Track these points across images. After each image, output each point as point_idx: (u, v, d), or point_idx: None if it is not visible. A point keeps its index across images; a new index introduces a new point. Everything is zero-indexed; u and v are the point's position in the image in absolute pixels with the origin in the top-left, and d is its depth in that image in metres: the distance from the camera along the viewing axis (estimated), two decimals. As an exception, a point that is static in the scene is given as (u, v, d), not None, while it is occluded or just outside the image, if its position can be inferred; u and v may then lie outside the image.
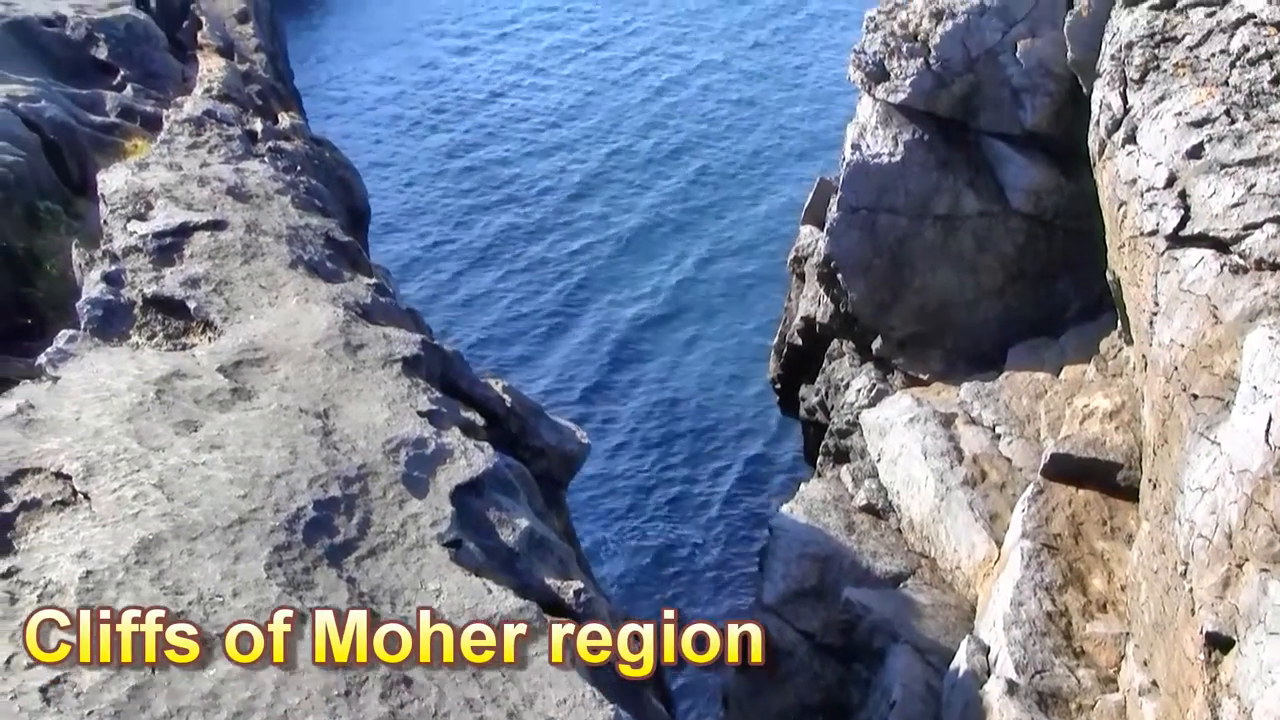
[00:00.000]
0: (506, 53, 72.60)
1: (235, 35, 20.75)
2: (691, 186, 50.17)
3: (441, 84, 65.42)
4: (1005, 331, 18.11)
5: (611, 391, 33.64)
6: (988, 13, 17.91)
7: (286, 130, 14.89)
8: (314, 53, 69.07)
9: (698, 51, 72.46)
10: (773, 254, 43.20)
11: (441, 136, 56.62)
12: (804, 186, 50.82)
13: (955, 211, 17.87)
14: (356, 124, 58.15)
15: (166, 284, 8.95)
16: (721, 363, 34.66)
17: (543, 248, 43.91)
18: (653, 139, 56.32)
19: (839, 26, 77.15)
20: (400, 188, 49.63)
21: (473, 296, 40.40)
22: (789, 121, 59.09)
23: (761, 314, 37.51)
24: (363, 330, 8.45)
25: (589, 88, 64.83)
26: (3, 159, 11.86)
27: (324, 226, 10.45)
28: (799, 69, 68.88)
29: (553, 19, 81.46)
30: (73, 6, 17.99)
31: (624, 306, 38.87)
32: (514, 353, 35.83)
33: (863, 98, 19.01)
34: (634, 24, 79.78)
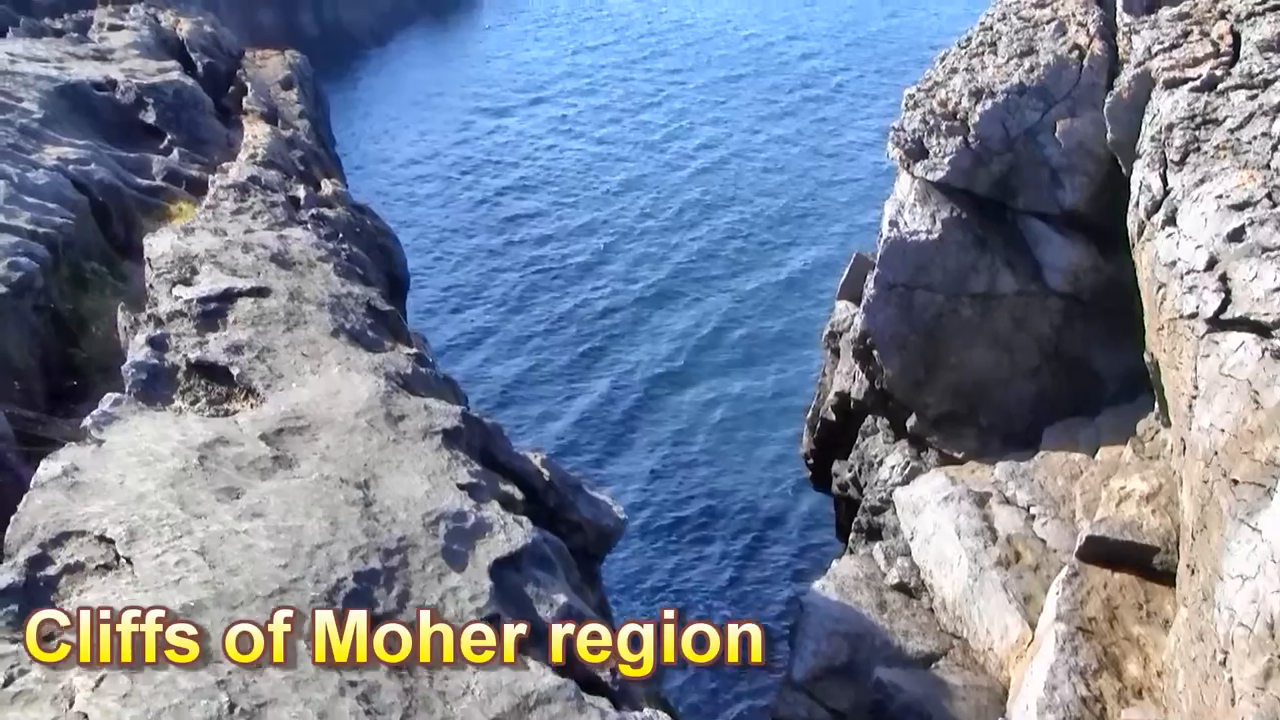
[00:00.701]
0: (540, 117, 73.26)
1: (279, 101, 21.03)
2: (719, 255, 50.36)
3: (476, 146, 66.05)
4: (1041, 411, 18.03)
5: (637, 458, 33.62)
6: (1027, 93, 17.99)
7: (329, 197, 15.06)
8: (354, 115, 69.94)
9: (729, 119, 72.93)
10: (799, 322, 43.28)
11: (474, 196, 57.05)
12: (827, 247, 51.00)
13: (992, 290, 17.87)
14: (393, 184, 58.72)
15: (210, 350, 9.02)
16: (751, 434, 34.63)
17: (571, 314, 44.08)
18: (682, 205, 56.59)
19: (866, 97, 77.68)
20: (431, 245, 50.00)
21: (498, 355, 40.52)
22: (815, 189, 59.35)
23: (791, 385, 37.52)
24: (404, 401, 8.49)
25: (621, 153, 65.29)
26: (53, 221, 12.00)
27: (365, 295, 10.53)
28: (826, 136, 69.22)
29: (587, 84, 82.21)
30: (123, 71, 18.28)
31: (649, 374, 38.92)
32: (543, 421, 35.86)
33: (901, 175, 19.09)
34: (666, 90, 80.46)
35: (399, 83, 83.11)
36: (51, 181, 13.12)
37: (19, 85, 16.23)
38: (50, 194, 12.85)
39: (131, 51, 20.06)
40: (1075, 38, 18.52)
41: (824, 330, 22.47)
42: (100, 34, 21.44)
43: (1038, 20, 19.40)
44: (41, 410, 9.64)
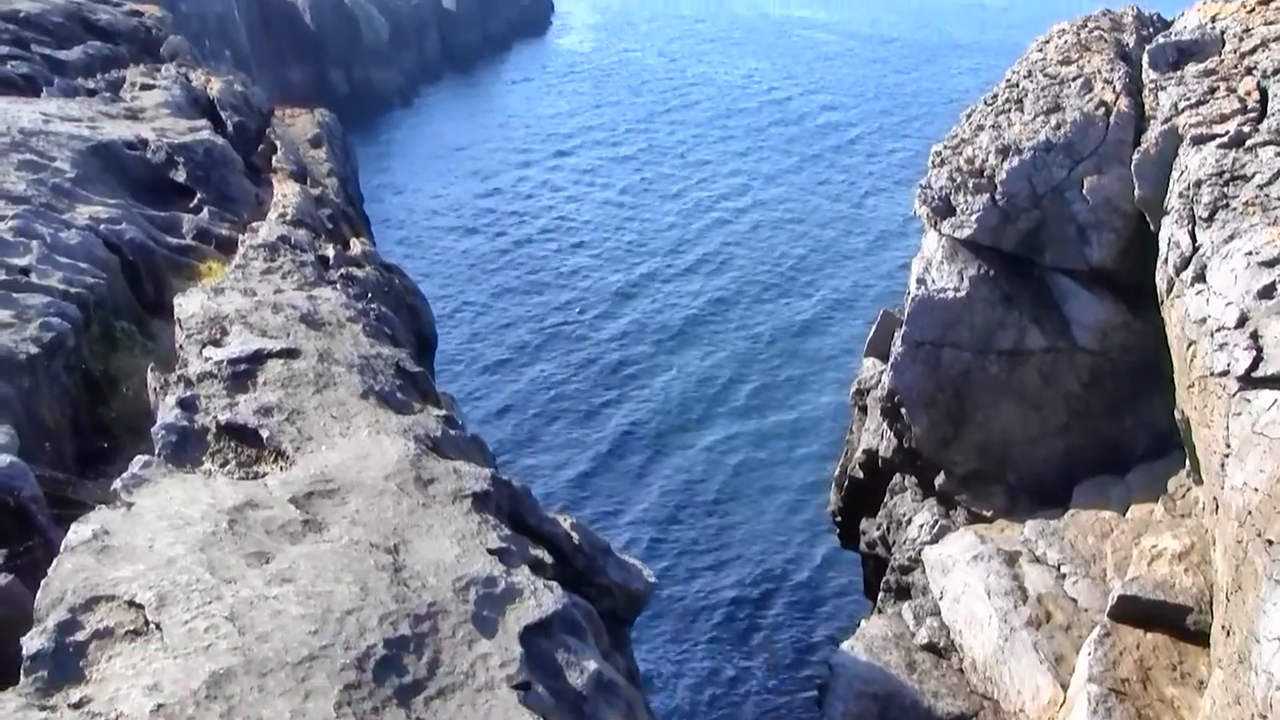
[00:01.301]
0: (563, 169, 73.77)
1: (308, 159, 21.17)
2: (741, 307, 50.48)
3: (500, 199, 66.55)
4: (1070, 469, 17.93)
5: (660, 512, 33.54)
6: (1054, 149, 17.99)
7: (358, 256, 15.12)
8: (382, 171, 70.50)
9: (749, 170, 73.26)
10: (821, 374, 43.25)
11: (497, 248, 57.44)
12: (847, 298, 51.00)
13: (1020, 347, 17.81)
14: (418, 237, 59.16)
15: (240, 412, 9.03)
16: (775, 488, 34.53)
17: (592, 365, 44.21)
18: (702, 257, 56.82)
19: (884, 149, 77.87)
20: (454, 294, 50.22)
21: (519, 406, 40.61)
22: (835, 240, 59.53)
23: (815, 438, 37.45)
24: (433, 464, 8.48)
25: (642, 204, 65.64)
26: (84, 281, 12.08)
27: (394, 356, 10.55)
28: (845, 187, 69.44)
29: (610, 137, 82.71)
30: (154, 130, 18.44)
31: (670, 427, 38.92)
32: (564, 472, 35.83)
33: (928, 232, 19.09)
34: (687, 142, 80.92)
35: (426, 138, 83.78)
36: (83, 241, 13.22)
37: (52, 145, 16.38)
38: (82, 253, 12.94)
39: (163, 110, 20.23)
40: (1102, 94, 18.54)
41: (851, 387, 22.42)
42: (132, 93, 21.63)
43: (1064, 77, 19.43)
44: (72, 471, 9.67)
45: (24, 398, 9.85)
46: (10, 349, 10.12)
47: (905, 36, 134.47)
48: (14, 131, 16.36)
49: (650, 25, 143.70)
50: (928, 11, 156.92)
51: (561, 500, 32.69)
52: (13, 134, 16.24)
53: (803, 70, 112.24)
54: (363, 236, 18.39)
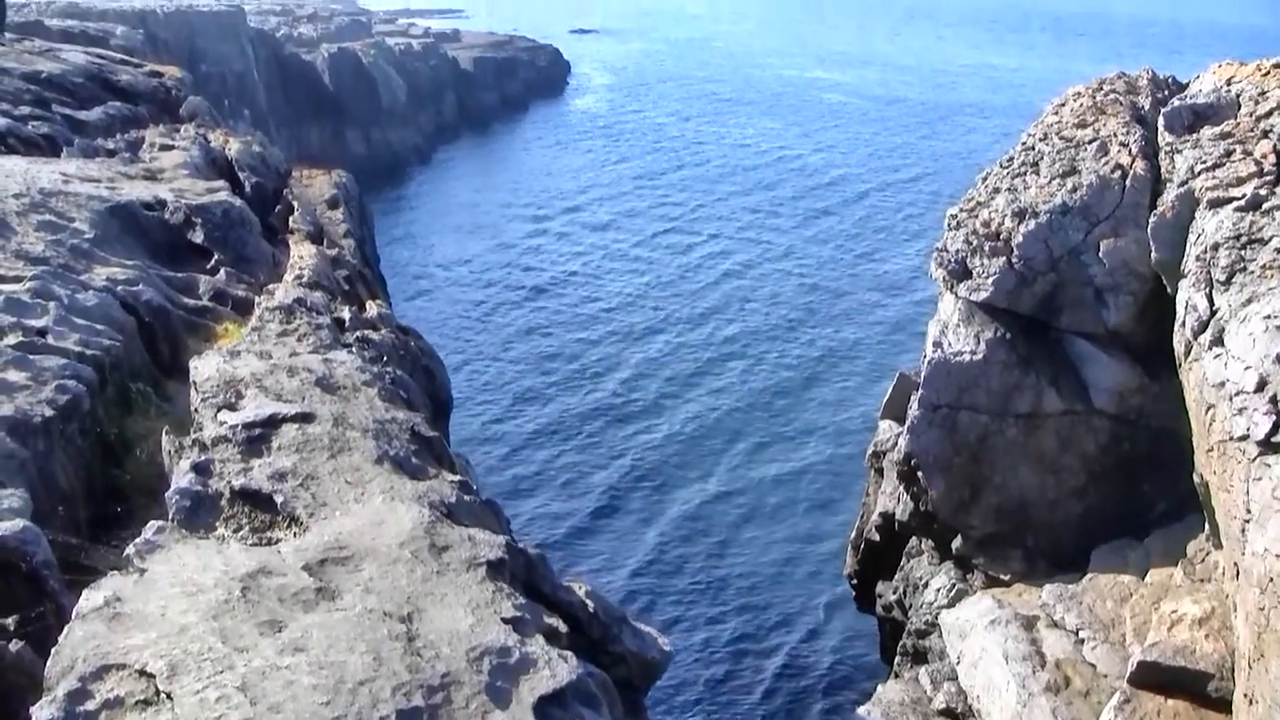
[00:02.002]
0: (577, 226, 74.27)
1: (325, 220, 21.25)
2: (753, 367, 50.55)
3: (514, 255, 66.99)
4: (1088, 532, 17.83)
5: (673, 574, 33.42)
6: (1070, 213, 17.99)
7: (373, 319, 15.14)
8: (398, 230, 70.95)
9: (761, 229, 73.56)
10: (834, 434, 43.20)
11: (510, 312, 57.70)
12: (860, 355, 50.96)
13: (1037, 410, 17.76)
14: (433, 295, 59.37)
15: (254, 477, 9.00)
16: (790, 550, 34.43)
17: (603, 425, 44.20)
18: (715, 316, 56.98)
19: (896, 209, 78.07)
20: (465, 347, 50.37)
21: (530, 463, 40.58)
22: (847, 298, 59.67)
23: (831, 502, 37.35)
24: (448, 531, 8.43)
25: (656, 268, 65.93)
26: (101, 343, 12.09)
27: (409, 421, 10.51)
28: (856, 246, 69.63)
29: (622, 193, 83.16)
30: (173, 191, 18.52)
31: (683, 487, 38.87)
32: (576, 532, 35.74)
33: (944, 295, 19.08)
34: (699, 200, 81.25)
35: (442, 197, 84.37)
36: (100, 303, 13.24)
37: (71, 205, 16.46)
38: (99, 315, 12.96)
39: (181, 171, 20.34)
40: (1117, 157, 18.55)
41: (867, 450, 22.35)
42: (151, 154, 21.76)
43: (1079, 140, 19.46)
44: (85, 535, 9.63)
45: (38, 460, 9.83)
46: (26, 411, 10.11)
47: (918, 98, 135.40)
48: (34, 192, 16.44)
49: (664, 86, 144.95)
50: (940, 73, 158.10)
51: (568, 553, 32.64)
52: (32, 194, 16.32)
53: (815, 130, 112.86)
54: (379, 298, 18.43)
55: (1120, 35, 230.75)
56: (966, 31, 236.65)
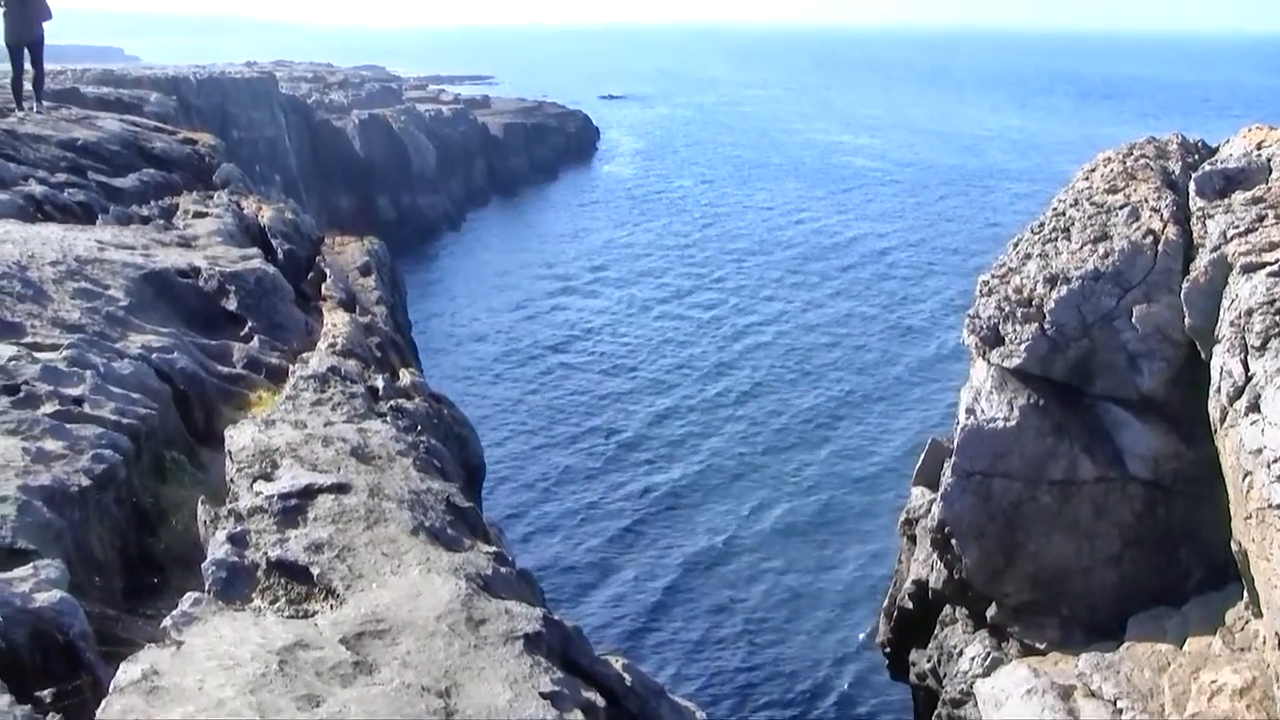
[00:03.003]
0: (606, 291, 74.77)
1: (357, 287, 21.35)
2: (781, 431, 50.58)
3: (542, 321, 67.55)
4: (1124, 600, 17.64)
5: (703, 642, 33.30)
6: (1102, 278, 17.94)
7: (407, 387, 15.16)
8: (429, 296, 71.47)
9: (786, 295, 73.77)
10: (865, 499, 43.05)
11: (538, 377, 58.08)
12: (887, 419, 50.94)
13: (1071, 477, 17.64)
14: (462, 362, 59.68)
15: (290, 548, 8.99)
16: (823, 619, 34.26)
17: (634, 488, 44.26)
18: (743, 384, 57.13)
19: (921, 274, 78.20)
20: (495, 414, 50.49)
21: (564, 529, 40.55)
22: (873, 364, 59.77)
23: (861, 568, 37.21)
24: (484, 604, 8.40)
25: (683, 327, 66.38)
26: (136, 411, 12.12)
27: (445, 491, 10.51)
28: (882, 312, 69.74)
29: (650, 259, 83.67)
30: (206, 258, 18.66)
31: (713, 554, 38.85)
32: (606, 600, 35.61)
33: (976, 361, 19.03)
34: (726, 266, 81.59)
35: (472, 262, 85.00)
36: (136, 371, 13.29)
37: (106, 273, 16.58)
38: (134, 383, 13.01)
39: (215, 238, 20.50)
40: (1149, 223, 18.51)
41: (900, 517, 22.23)
42: (185, 221, 21.94)
43: (1110, 206, 19.44)
44: (121, 606, 9.63)
45: (74, 530, 9.84)
46: (63, 481, 10.13)
47: (942, 161, 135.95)
48: (70, 259, 16.57)
49: (690, 150, 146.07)
50: (964, 137, 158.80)
51: (599, 620, 32.48)
52: (69, 261, 16.45)
53: (839, 194, 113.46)
54: (411, 365, 18.48)
55: (1145, 98, 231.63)
56: (990, 95, 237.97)
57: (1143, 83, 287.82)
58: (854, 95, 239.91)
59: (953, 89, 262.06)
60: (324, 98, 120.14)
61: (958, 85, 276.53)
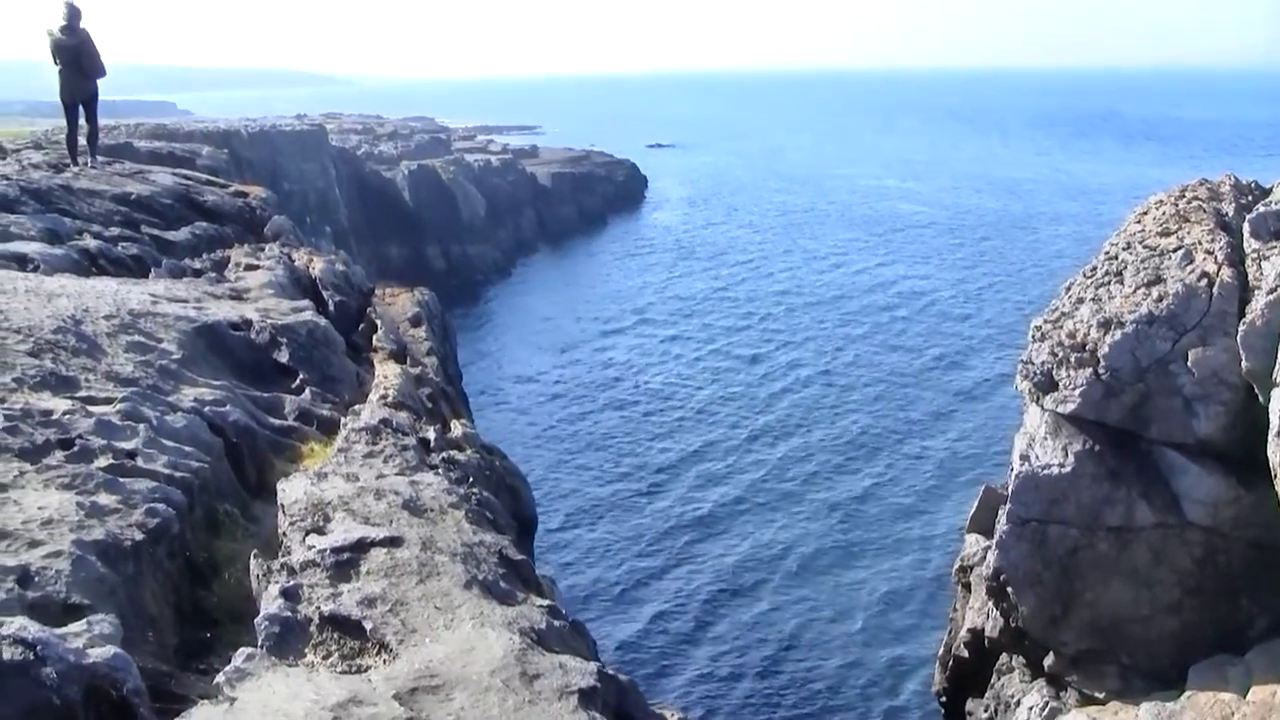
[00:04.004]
0: (652, 337, 75.04)
1: (408, 338, 21.43)
2: (833, 481, 50.29)
3: (589, 373, 67.55)
4: (1185, 648, 17.32)
5: (759, 695, 33.01)
6: (1157, 322, 17.73)
7: (458, 439, 15.16)
8: (478, 344, 71.80)
9: (837, 344, 73.54)
10: (914, 547, 42.69)
11: (586, 425, 58.19)
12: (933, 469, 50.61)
13: (1128, 523, 17.37)
14: (510, 412, 59.81)
15: (343, 603, 8.97)
16: (879, 670, 33.96)
17: (679, 538, 44.01)
18: (793, 431, 56.96)
19: (975, 318, 77.81)
20: (547, 473, 50.50)
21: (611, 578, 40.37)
22: (924, 411, 59.34)
23: (917, 618, 36.81)
24: (539, 659, 8.34)
25: (730, 372, 66.54)
26: (189, 465, 12.17)
27: (497, 544, 10.47)
28: (933, 357, 69.34)
29: (696, 305, 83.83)
30: (258, 311, 18.78)
31: (768, 606, 38.55)
32: (669, 663, 35.40)
33: (1029, 407, 18.83)
34: (768, 312, 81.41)
35: (520, 310, 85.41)
36: (189, 424, 13.36)
37: (159, 326, 16.70)
38: (187, 437, 13.07)
39: (266, 291, 20.65)
40: (1203, 265, 18.31)
41: (954, 564, 21.99)
42: (237, 273, 22.12)
43: (1164, 248, 19.25)
44: (174, 661, 9.62)
45: (128, 585, 9.86)
46: (117, 535, 10.17)
47: (988, 205, 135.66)
48: (123, 313, 16.70)
49: (737, 198, 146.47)
50: (1009, 180, 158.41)
51: (651, 669, 32.30)
52: (122, 315, 16.58)
53: (886, 239, 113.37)
54: (462, 416, 18.50)
55: (1190, 138, 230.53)
56: (1034, 139, 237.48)
57: (1185, 122, 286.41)
58: (897, 139, 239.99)
59: (994, 131, 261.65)
60: (373, 149, 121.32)
61: (999, 127, 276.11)
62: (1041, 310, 20.20)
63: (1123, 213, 21.85)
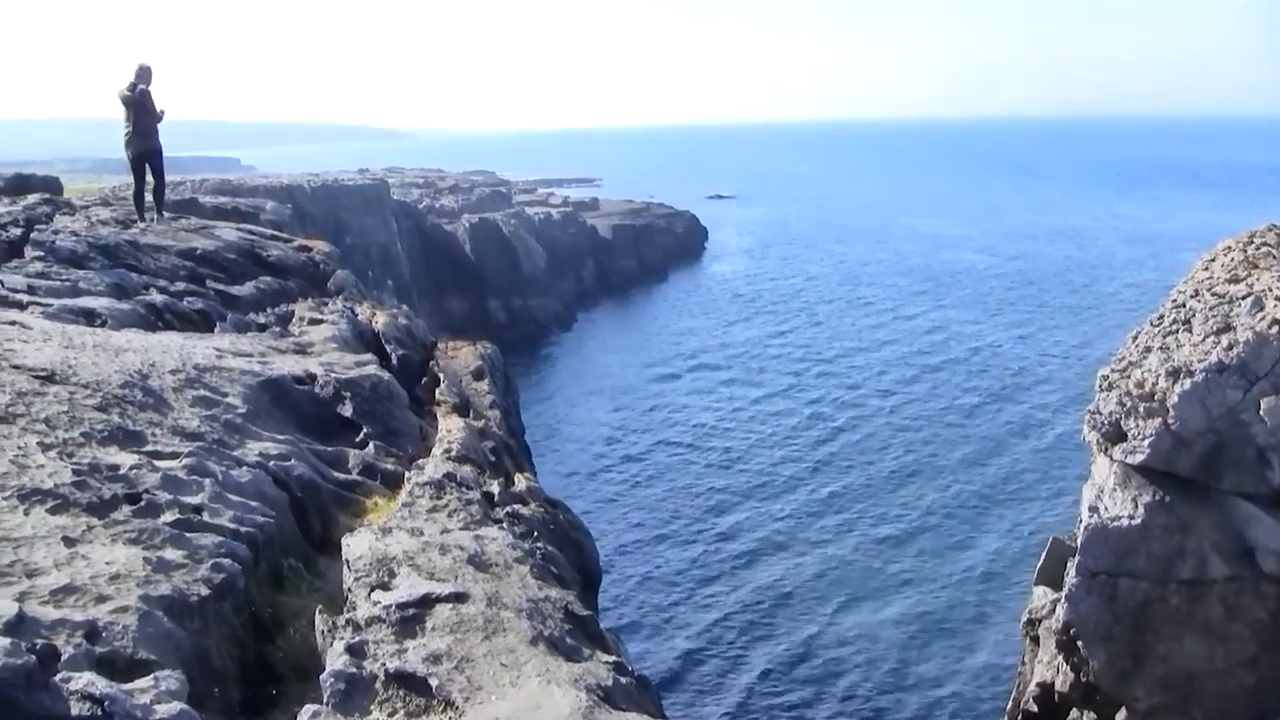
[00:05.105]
0: (712, 387, 75.13)
1: (471, 391, 21.46)
2: (896, 530, 49.89)
3: (650, 424, 67.49)
4: (1260, 703, 16.99)
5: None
6: (1227, 371, 17.47)
7: (523, 493, 15.15)
8: (540, 397, 71.98)
9: (898, 392, 73.09)
10: (982, 600, 42.15)
11: (649, 477, 58.05)
12: (998, 521, 50.01)
13: (1201, 576, 17.08)
14: (573, 464, 59.80)
15: (409, 659, 8.93)
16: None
17: (743, 589, 43.84)
18: (852, 479, 56.60)
19: (1039, 368, 77.07)
20: (608, 525, 50.39)
21: (679, 636, 40.12)
22: (990, 467, 58.65)
23: (984, 671, 36.32)
24: (605, 717, 8.26)
25: (795, 424, 65.98)
26: (254, 519, 12.20)
27: (563, 599, 10.42)
28: (997, 408, 68.74)
29: (756, 355, 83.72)
30: (322, 365, 18.88)
31: (833, 662, 38.16)
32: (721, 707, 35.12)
33: (1098, 458, 18.59)
34: (830, 363, 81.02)
35: (583, 364, 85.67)
36: (254, 479, 13.41)
37: (224, 380, 16.81)
38: (252, 491, 13.12)
39: (330, 345, 20.77)
40: (1273, 312, 18.06)
41: (1022, 617, 21.69)
42: (301, 327, 22.27)
43: (1232, 296, 19.00)
44: (239, 716, 9.61)
45: (194, 640, 9.87)
46: (182, 590, 10.19)
47: (1045, 252, 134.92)
48: (189, 367, 16.83)
49: (797, 248, 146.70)
50: (1066, 226, 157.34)
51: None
52: (188, 370, 16.70)
53: (946, 288, 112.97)
54: (525, 470, 18.49)
55: (1249, 184, 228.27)
56: (1090, 186, 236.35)
57: (1243, 168, 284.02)
58: (953, 187, 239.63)
59: (1052, 179, 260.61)
60: (435, 202, 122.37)
61: (1056, 175, 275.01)
62: (1107, 359, 19.97)
63: (1187, 259, 21.64)
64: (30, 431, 12.13)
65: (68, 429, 12.66)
